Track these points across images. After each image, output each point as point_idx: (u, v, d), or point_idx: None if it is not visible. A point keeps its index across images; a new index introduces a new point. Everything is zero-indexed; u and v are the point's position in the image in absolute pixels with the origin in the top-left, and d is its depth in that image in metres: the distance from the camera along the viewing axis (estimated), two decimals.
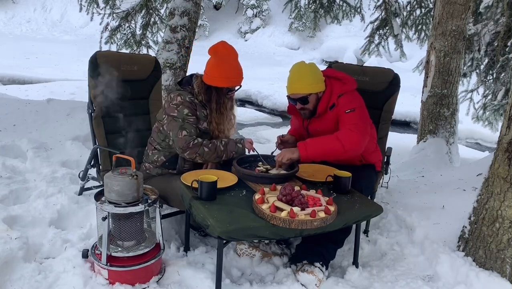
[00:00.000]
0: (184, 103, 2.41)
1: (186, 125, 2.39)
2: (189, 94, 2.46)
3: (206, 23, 19.00)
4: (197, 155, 2.39)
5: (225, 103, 2.50)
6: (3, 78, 10.91)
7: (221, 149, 2.42)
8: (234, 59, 2.44)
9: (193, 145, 2.37)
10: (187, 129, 2.39)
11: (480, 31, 5.01)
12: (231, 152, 2.44)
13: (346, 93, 2.47)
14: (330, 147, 2.32)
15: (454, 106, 4.70)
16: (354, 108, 2.41)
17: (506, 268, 2.13)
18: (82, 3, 5.81)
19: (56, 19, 20.48)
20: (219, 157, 2.43)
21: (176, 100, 2.42)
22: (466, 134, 8.40)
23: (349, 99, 2.46)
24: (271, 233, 1.91)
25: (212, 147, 2.40)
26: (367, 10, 6.24)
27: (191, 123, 2.41)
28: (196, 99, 2.46)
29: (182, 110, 2.40)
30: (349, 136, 2.31)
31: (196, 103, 2.45)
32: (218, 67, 2.40)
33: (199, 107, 2.46)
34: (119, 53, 3.67)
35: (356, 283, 2.22)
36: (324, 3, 6.46)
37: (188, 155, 2.39)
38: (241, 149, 2.47)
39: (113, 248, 2.07)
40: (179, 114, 2.39)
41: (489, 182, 2.18)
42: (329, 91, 2.49)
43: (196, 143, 2.38)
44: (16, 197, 2.74)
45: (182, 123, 2.39)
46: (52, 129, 3.90)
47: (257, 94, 11.08)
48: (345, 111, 2.40)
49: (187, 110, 2.40)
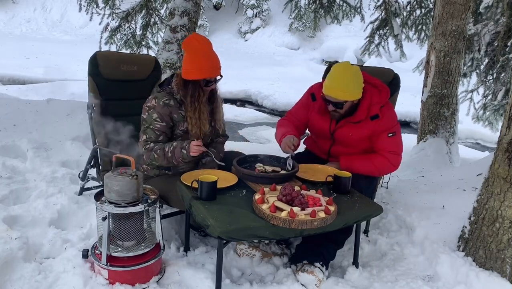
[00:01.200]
0: (156, 108, 2.38)
1: (148, 130, 2.40)
2: (167, 96, 2.41)
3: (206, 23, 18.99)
4: (151, 160, 2.40)
5: (200, 96, 2.40)
6: (3, 78, 10.90)
7: (169, 155, 2.35)
8: (207, 50, 2.35)
9: (145, 149, 2.39)
10: (147, 134, 2.40)
11: (480, 31, 5.01)
12: (178, 158, 2.35)
13: (387, 105, 2.52)
14: (366, 170, 2.50)
15: (454, 106, 4.70)
16: (395, 132, 2.50)
17: (506, 268, 2.13)
18: (82, 3, 5.80)
19: (56, 19, 20.47)
20: (169, 162, 2.39)
21: (150, 103, 2.41)
22: (466, 134, 8.40)
23: (392, 117, 2.53)
24: (271, 233, 1.91)
25: (161, 153, 2.36)
26: (367, 10, 6.24)
27: (155, 130, 2.39)
28: (175, 100, 2.42)
29: (151, 114, 2.39)
30: (386, 167, 2.54)
31: (171, 105, 2.40)
32: (191, 60, 2.34)
33: (175, 109, 2.41)
34: (119, 53, 3.68)
35: (356, 283, 2.22)
36: (324, 3, 6.46)
37: (145, 158, 2.42)
38: (186, 154, 2.32)
39: (113, 248, 2.07)
40: (148, 118, 2.40)
41: (489, 182, 2.18)
42: (369, 99, 2.46)
43: (148, 148, 2.38)
44: (16, 197, 2.74)
45: (145, 128, 2.40)
46: (52, 129, 3.90)
47: (257, 94, 11.08)
48: (388, 134, 2.48)
49: (156, 116, 2.38)
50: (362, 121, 2.49)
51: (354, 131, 2.51)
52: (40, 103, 4.53)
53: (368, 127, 2.49)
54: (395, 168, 2.56)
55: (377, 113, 2.47)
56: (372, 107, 2.47)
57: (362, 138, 2.53)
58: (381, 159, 2.50)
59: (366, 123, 2.49)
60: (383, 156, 2.50)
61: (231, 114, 8.62)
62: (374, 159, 2.51)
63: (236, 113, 9.20)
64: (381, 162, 2.50)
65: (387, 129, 2.49)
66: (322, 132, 2.63)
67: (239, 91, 11.31)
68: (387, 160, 2.50)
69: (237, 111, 9.53)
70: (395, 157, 2.51)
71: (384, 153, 2.51)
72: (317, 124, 2.64)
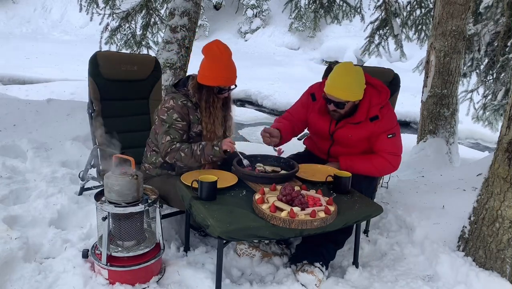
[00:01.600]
0: (175, 108, 2.39)
1: (171, 130, 2.39)
2: (183, 97, 2.43)
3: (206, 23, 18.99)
4: (176, 160, 2.38)
5: (214, 102, 2.43)
6: (3, 78, 10.90)
7: (198, 153, 2.35)
8: (227, 59, 2.38)
9: (171, 150, 2.37)
10: (171, 134, 2.39)
11: (480, 31, 5.01)
12: (208, 156, 2.34)
13: (386, 106, 2.52)
14: (366, 171, 2.50)
15: (454, 106, 4.70)
16: (395, 133, 2.51)
17: (506, 268, 2.13)
18: (82, 3, 5.81)
19: (56, 19, 20.47)
20: (197, 161, 2.37)
21: (168, 103, 2.41)
22: (466, 134, 8.40)
23: (391, 118, 2.53)
24: (271, 233, 1.91)
25: (189, 152, 2.35)
26: (367, 10, 6.24)
27: (178, 129, 2.39)
28: (191, 102, 2.44)
29: (171, 114, 2.39)
30: (386, 168, 2.54)
31: (189, 106, 2.43)
32: (210, 66, 2.36)
33: (192, 110, 2.43)
34: (119, 53, 3.68)
35: (356, 283, 2.22)
36: (324, 3, 6.46)
37: (168, 160, 2.40)
38: (218, 151, 2.33)
39: (113, 248, 2.07)
40: (168, 119, 2.39)
41: (489, 182, 2.18)
42: (368, 100, 2.47)
43: (174, 148, 2.37)
44: (16, 197, 2.74)
45: (168, 128, 2.39)
46: (52, 129, 3.90)
47: (257, 94, 11.08)
48: (387, 135, 2.49)
49: (177, 116, 2.39)
50: (362, 123, 2.49)
51: (354, 132, 2.51)
52: (40, 103, 4.53)
53: (368, 128, 2.49)
54: (395, 168, 2.56)
55: (376, 115, 2.47)
56: (372, 109, 2.47)
57: (361, 139, 2.54)
58: (381, 159, 2.50)
59: (365, 125, 2.49)
60: (382, 157, 2.50)
61: None
62: (374, 159, 2.51)
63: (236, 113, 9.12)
64: (381, 163, 2.50)
65: (386, 130, 2.49)
66: (322, 133, 2.63)
67: (239, 91, 11.27)
68: (387, 160, 2.50)
69: (237, 111, 9.51)
70: (394, 158, 2.52)
71: (384, 154, 2.51)
72: (317, 124, 2.65)
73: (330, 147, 2.65)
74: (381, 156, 2.51)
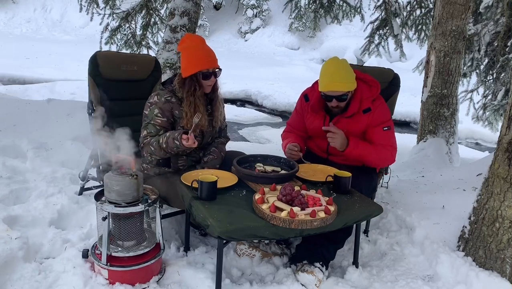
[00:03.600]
0: (158, 104, 2.44)
1: (149, 125, 2.44)
2: (169, 93, 2.47)
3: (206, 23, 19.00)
4: (149, 153, 2.44)
5: (196, 90, 2.44)
6: (3, 78, 10.89)
7: (163, 146, 2.36)
8: (200, 44, 2.43)
9: (144, 144, 2.44)
10: (148, 129, 2.44)
11: (480, 31, 5.01)
12: (171, 148, 2.35)
13: (378, 99, 2.56)
14: (369, 157, 2.52)
15: (454, 106, 4.70)
16: (390, 126, 2.55)
17: (506, 268, 2.13)
18: (82, 3, 5.80)
19: (56, 19, 20.48)
20: (167, 153, 2.41)
21: (152, 99, 2.47)
22: (466, 134, 8.41)
23: (384, 111, 2.57)
24: (271, 233, 1.91)
25: (157, 145, 2.39)
26: (367, 10, 6.24)
27: (156, 124, 2.43)
28: (176, 97, 2.47)
29: (153, 110, 2.44)
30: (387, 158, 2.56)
31: (173, 102, 2.46)
32: (185, 56, 2.42)
33: (177, 106, 2.47)
34: (119, 53, 3.67)
35: (356, 283, 2.22)
36: (324, 3, 6.46)
37: (144, 153, 2.46)
38: (178, 145, 2.30)
39: (113, 248, 2.07)
40: (149, 114, 2.45)
41: (489, 182, 2.18)
42: (359, 94, 2.52)
43: (146, 142, 2.43)
44: (16, 197, 2.75)
45: (146, 123, 2.45)
46: (52, 129, 3.90)
47: (257, 94, 11.09)
48: (383, 128, 2.53)
49: (158, 111, 2.43)
50: (355, 115, 2.52)
51: (349, 127, 2.53)
52: (40, 103, 4.54)
53: (362, 121, 2.52)
54: (393, 160, 2.60)
55: (369, 107, 2.52)
56: (364, 101, 2.51)
57: (357, 134, 2.54)
58: (383, 148, 2.53)
59: (359, 117, 2.52)
60: (384, 147, 2.53)
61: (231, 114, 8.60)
62: (377, 147, 2.53)
63: (236, 113, 9.20)
64: (383, 152, 2.53)
65: (381, 123, 2.52)
66: (318, 131, 2.64)
67: (239, 91, 11.32)
68: (388, 151, 2.54)
69: (237, 111, 9.54)
70: (392, 149, 2.56)
71: (384, 144, 2.53)
72: (312, 123, 2.67)
73: (329, 144, 2.65)
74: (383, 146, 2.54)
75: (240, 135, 7.90)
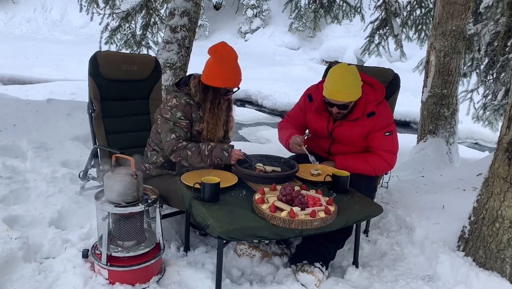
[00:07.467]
0: (179, 106, 2.39)
1: (176, 128, 2.38)
2: (185, 95, 2.44)
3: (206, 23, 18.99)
4: (181, 158, 2.37)
5: (220, 103, 2.45)
6: (3, 78, 10.89)
7: (205, 153, 2.34)
8: (233, 61, 2.40)
9: (177, 148, 2.36)
10: (176, 132, 2.38)
11: (480, 31, 5.01)
12: (215, 158, 2.33)
13: (382, 103, 2.55)
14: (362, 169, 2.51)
15: (454, 106, 4.70)
16: (392, 131, 2.54)
17: (506, 268, 2.13)
18: (82, 3, 5.80)
19: (56, 19, 20.47)
20: (203, 161, 2.36)
21: (171, 102, 2.41)
22: (466, 134, 8.41)
23: (388, 115, 2.56)
24: (271, 233, 1.91)
25: (196, 151, 2.34)
26: (367, 10, 6.24)
27: (182, 127, 2.39)
28: (193, 101, 2.44)
29: (175, 113, 2.39)
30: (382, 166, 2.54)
31: (192, 104, 2.43)
32: (216, 67, 2.37)
33: (195, 109, 2.44)
34: (119, 53, 3.67)
35: (356, 283, 2.22)
36: (324, 3, 6.46)
37: (173, 158, 2.38)
38: (226, 157, 2.33)
39: (113, 248, 2.07)
40: (172, 117, 2.39)
41: (489, 182, 2.18)
42: (364, 97, 2.50)
43: (180, 146, 2.36)
44: (16, 197, 2.75)
45: (172, 126, 2.38)
46: (52, 129, 3.90)
47: (257, 94, 11.09)
48: (385, 133, 2.51)
49: (180, 114, 2.39)
50: (359, 119, 2.51)
51: (352, 130, 2.53)
52: (40, 103, 4.53)
53: (366, 124, 2.52)
54: (391, 167, 2.57)
55: (373, 110, 2.51)
56: (368, 105, 2.50)
57: (360, 137, 2.55)
58: (377, 158, 2.52)
59: (363, 121, 2.51)
60: (378, 155, 2.52)
61: None
62: (369, 158, 2.53)
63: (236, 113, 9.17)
64: (376, 161, 2.52)
65: (383, 128, 2.52)
66: (321, 132, 2.65)
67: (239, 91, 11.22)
68: (383, 159, 2.52)
69: (237, 111, 9.52)
70: (390, 155, 2.53)
71: (380, 152, 2.52)
72: (315, 124, 2.66)
73: (331, 145, 2.66)
74: (377, 154, 2.53)
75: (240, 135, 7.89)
